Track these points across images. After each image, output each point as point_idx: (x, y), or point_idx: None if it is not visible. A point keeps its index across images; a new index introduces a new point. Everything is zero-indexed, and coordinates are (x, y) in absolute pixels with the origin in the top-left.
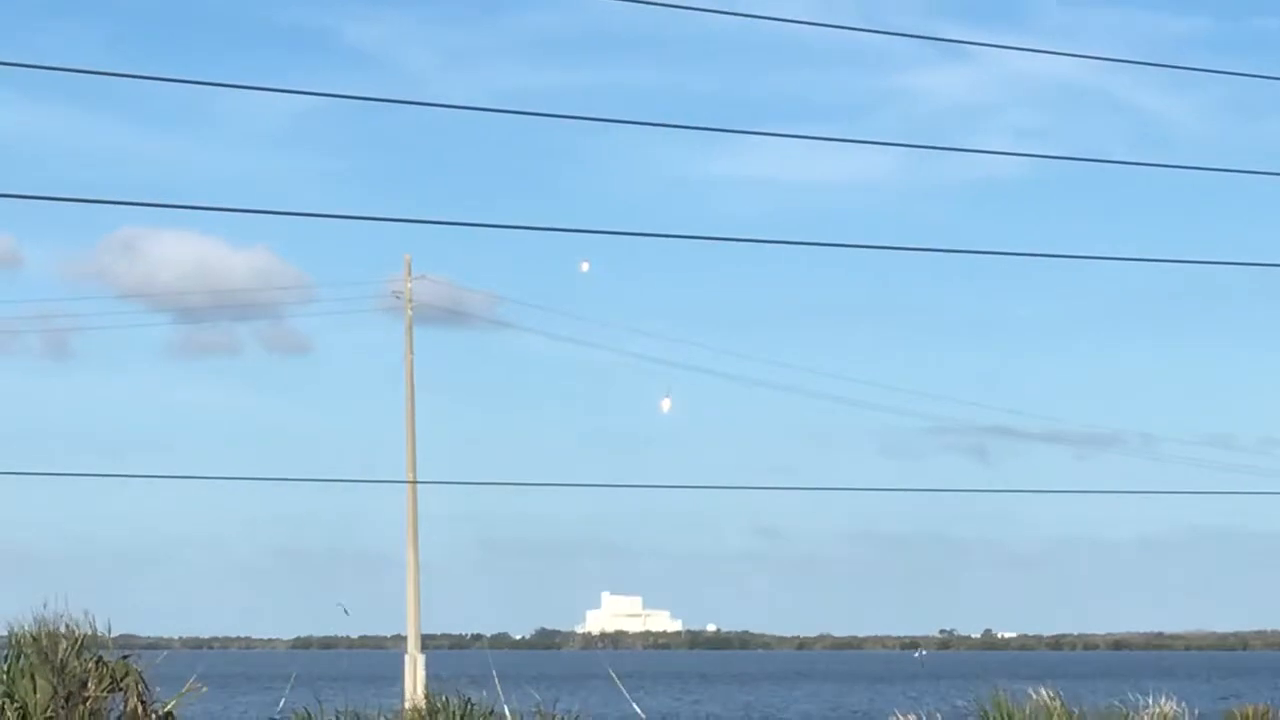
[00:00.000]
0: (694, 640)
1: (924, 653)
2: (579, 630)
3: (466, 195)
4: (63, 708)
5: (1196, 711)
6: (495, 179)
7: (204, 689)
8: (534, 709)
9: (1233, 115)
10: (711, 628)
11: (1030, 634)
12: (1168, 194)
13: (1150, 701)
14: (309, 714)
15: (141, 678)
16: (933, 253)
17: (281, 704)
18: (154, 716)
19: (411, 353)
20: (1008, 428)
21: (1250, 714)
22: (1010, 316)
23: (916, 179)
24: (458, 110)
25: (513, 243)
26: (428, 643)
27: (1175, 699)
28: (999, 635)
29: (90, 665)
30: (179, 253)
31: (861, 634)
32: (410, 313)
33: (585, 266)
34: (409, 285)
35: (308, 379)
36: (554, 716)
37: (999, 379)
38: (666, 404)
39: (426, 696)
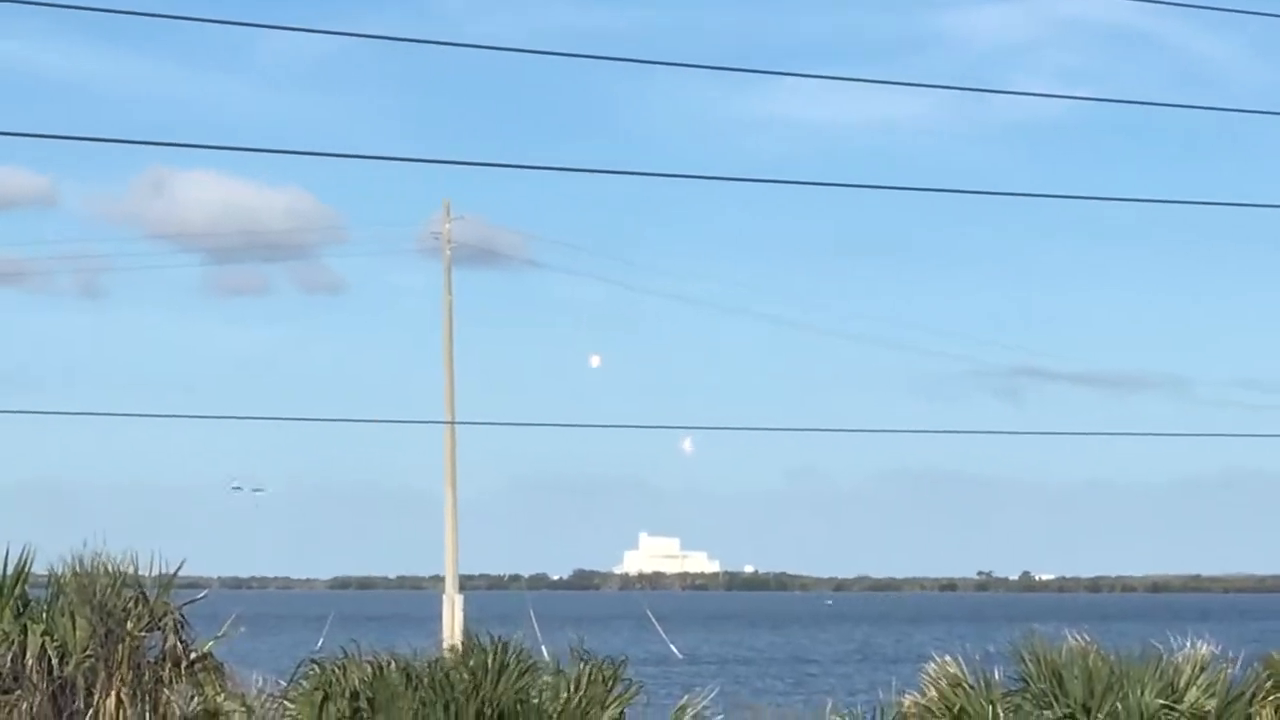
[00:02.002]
0: (731, 581)
1: (830, 602)
2: (616, 571)
3: (502, 137)
4: (102, 645)
5: (1232, 654)
6: (531, 120)
7: (242, 629)
8: (571, 649)
9: (1278, 57)
10: (749, 569)
11: (1068, 576)
12: (1210, 136)
13: (1188, 644)
14: (346, 654)
15: (180, 616)
16: (969, 194)
17: (320, 643)
18: (193, 655)
19: (450, 294)
20: (1043, 369)
21: None
22: (1045, 259)
23: (956, 121)
24: (494, 51)
25: (549, 184)
26: (465, 583)
27: (1213, 641)
28: (1037, 577)
29: (129, 604)
30: (214, 193)
31: (899, 575)
32: (449, 254)
33: (596, 361)
34: (448, 227)
35: (343, 319)
36: (591, 657)
37: (1034, 321)
38: (688, 444)
39: (464, 637)
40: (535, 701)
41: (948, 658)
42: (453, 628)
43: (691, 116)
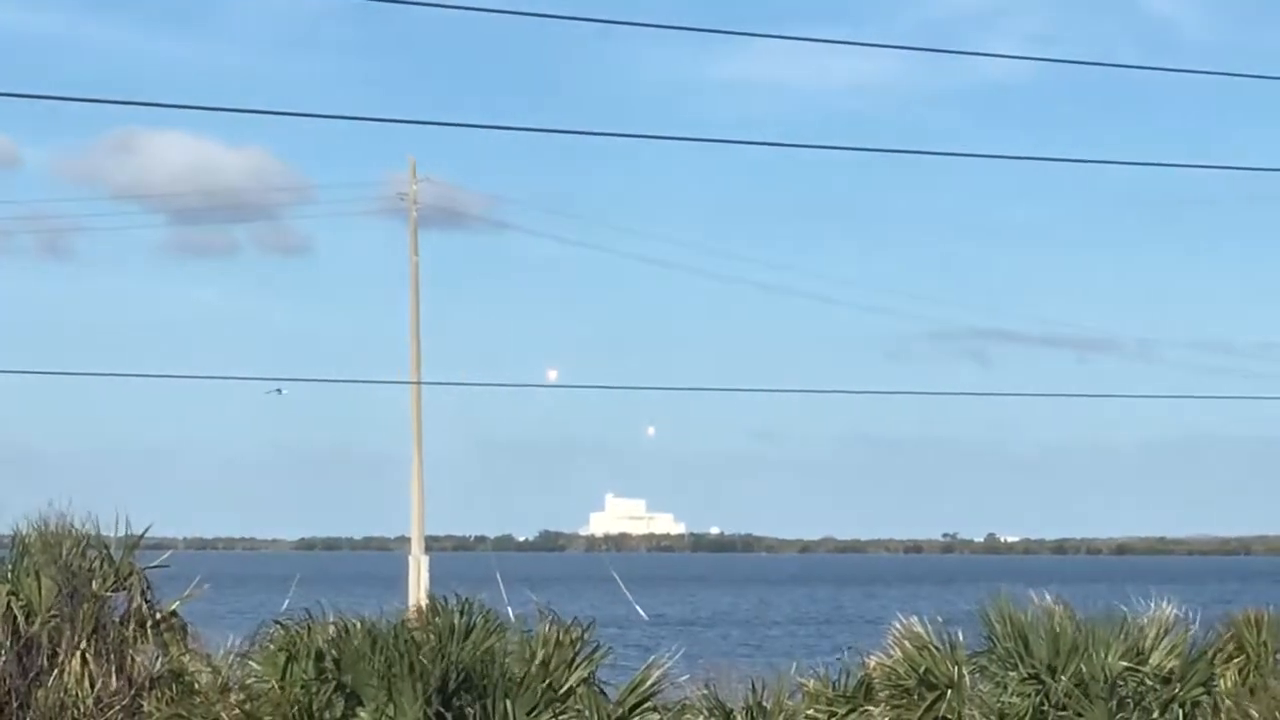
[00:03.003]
0: (697, 543)
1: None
2: (582, 533)
3: (468, 96)
4: (67, 605)
5: (1196, 616)
6: (497, 80)
7: (207, 588)
8: (537, 610)
9: (1240, 21)
10: (715, 530)
11: (1033, 538)
12: (1174, 99)
13: (1152, 605)
14: (310, 615)
15: (144, 577)
16: (935, 156)
17: (285, 604)
18: (158, 615)
19: (416, 254)
20: (1009, 331)
21: (1253, 619)
22: (1012, 221)
23: (924, 83)
24: (459, 10)
25: (514, 145)
26: (431, 545)
27: (1177, 603)
28: (1002, 539)
29: (94, 564)
30: (177, 153)
31: (864, 537)
32: (415, 215)
33: (553, 375)
34: (414, 188)
35: (307, 280)
36: (557, 618)
37: (999, 284)
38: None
39: (430, 598)
40: (502, 663)
41: (913, 619)
42: (418, 589)
43: (660, 78)
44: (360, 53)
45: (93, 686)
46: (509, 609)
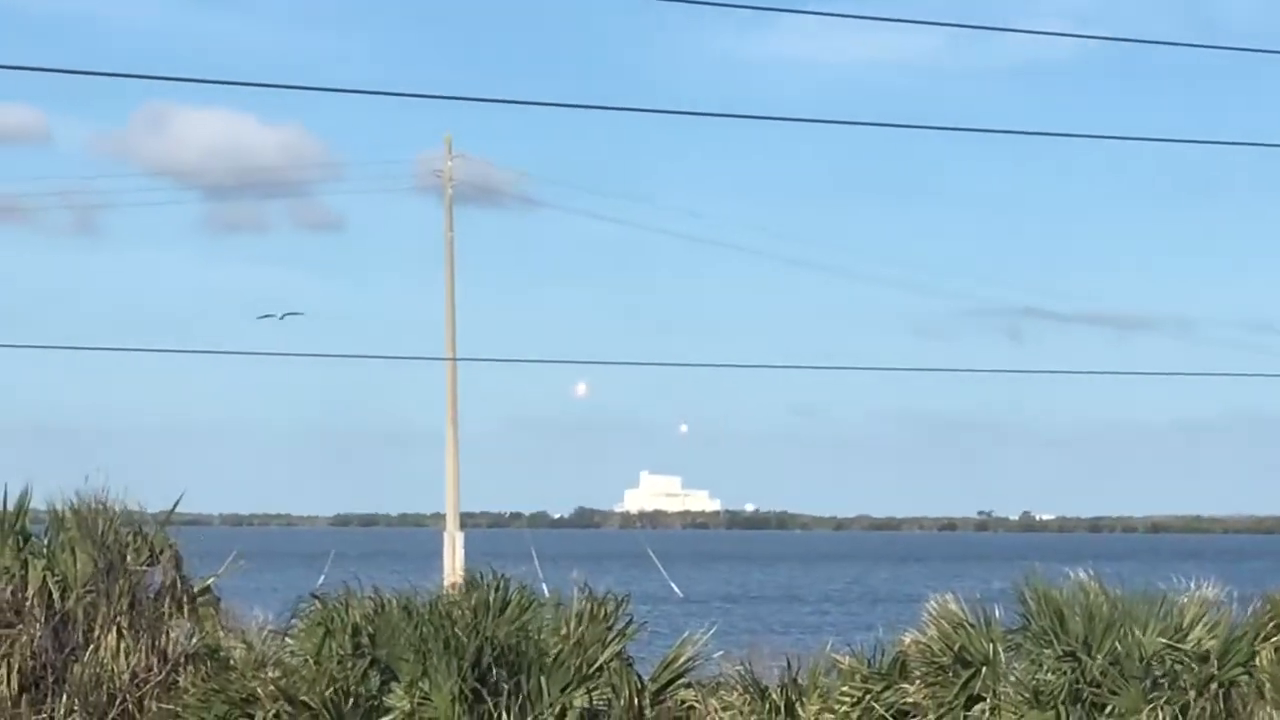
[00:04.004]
0: (732, 520)
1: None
2: (618, 510)
3: (502, 74)
4: (103, 580)
5: (1233, 594)
6: (533, 58)
7: (243, 564)
8: (572, 586)
9: None
10: (750, 508)
11: (1069, 516)
12: (1215, 76)
13: (1192, 585)
14: (347, 590)
15: (179, 553)
16: (974, 133)
17: (321, 580)
18: (193, 591)
19: (451, 230)
20: (1046, 309)
21: None
22: (1049, 198)
23: (963, 59)
24: None
25: (552, 122)
26: (467, 521)
27: (1216, 581)
28: (1037, 517)
29: (129, 539)
30: (212, 130)
31: (899, 515)
32: (451, 192)
33: (582, 389)
34: (449, 165)
35: (342, 256)
36: (591, 593)
37: (1037, 261)
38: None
39: (465, 574)
40: (536, 637)
41: (948, 596)
42: (454, 565)
43: (697, 55)
44: (396, 29)
45: (128, 662)
46: (544, 585)
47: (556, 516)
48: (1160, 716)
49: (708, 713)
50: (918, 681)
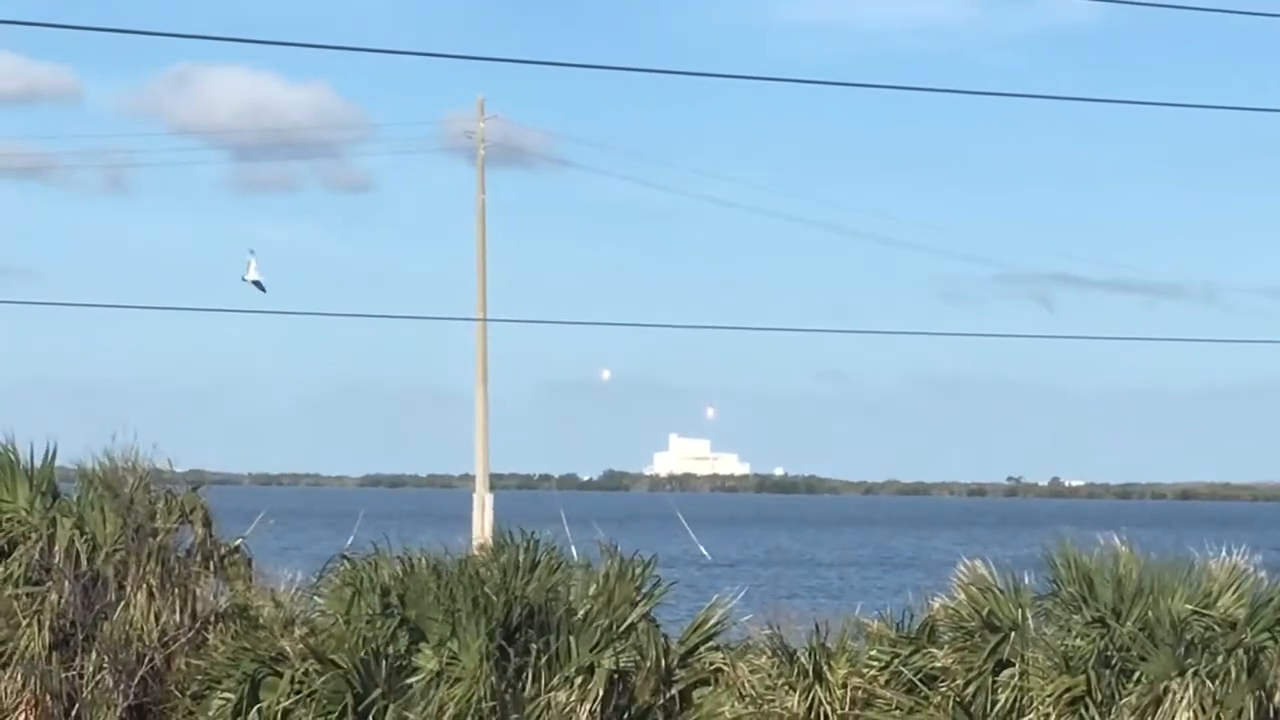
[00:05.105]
0: (761, 484)
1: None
2: (646, 472)
3: (533, 35)
4: (132, 540)
5: (1261, 561)
6: (565, 19)
7: (272, 523)
8: (600, 548)
9: None
10: (779, 471)
11: (1098, 482)
12: (1243, 43)
13: (1222, 552)
14: (377, 550)
15: (208, 512)
16: (1003, 97)
17: (350, 540)
18: (222, 550)
19: (483, 192)
20: (1075, 275)
21: None
22: (1080, 165)
23: (993, 26)
24: None
25: (578, 83)
26: (496, 483)
27: (1246, 549)
28: (1066, 483)
29: (158, 499)
30: (239, 90)
31: (928, 480)
32: (483, 153)
33: (606, 375)
34: (481, 126)
35: (371, 216)
36: (619, 554)
37: (1067, 227)
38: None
39: (494, 535)
40: (565, 598)
41: (977, 561)
42: (483, 526)
43: (731, 19)
44: None
45: (157, 621)
46: (572, 547)
47: (585, 479)
48: (1189, 683)
49: (737, 675)
50: (946, 646)
